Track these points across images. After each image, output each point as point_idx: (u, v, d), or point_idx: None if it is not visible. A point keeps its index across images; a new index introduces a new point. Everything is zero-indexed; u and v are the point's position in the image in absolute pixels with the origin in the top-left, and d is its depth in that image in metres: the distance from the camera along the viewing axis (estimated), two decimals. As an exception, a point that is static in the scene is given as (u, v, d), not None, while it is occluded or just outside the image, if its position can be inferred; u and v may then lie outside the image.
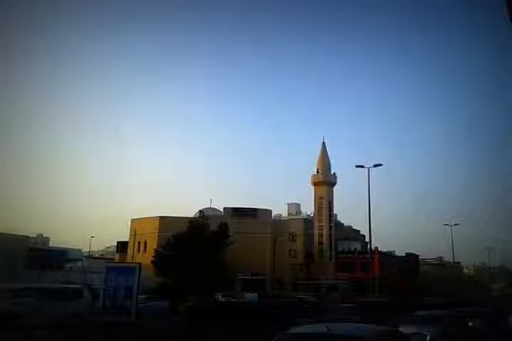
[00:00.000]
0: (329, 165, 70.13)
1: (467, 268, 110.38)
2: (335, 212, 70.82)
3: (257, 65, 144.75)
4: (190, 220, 47.96)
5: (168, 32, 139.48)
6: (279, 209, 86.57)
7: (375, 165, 40.86)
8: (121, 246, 69.11)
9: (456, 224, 63.37)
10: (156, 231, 59.12)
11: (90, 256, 73.32)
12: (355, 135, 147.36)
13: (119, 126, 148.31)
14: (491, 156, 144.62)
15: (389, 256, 77.05)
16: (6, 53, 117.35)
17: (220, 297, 37.12)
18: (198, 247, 41.60)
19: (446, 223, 64.12)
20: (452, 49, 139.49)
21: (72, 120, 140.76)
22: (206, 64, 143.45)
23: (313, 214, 70.55)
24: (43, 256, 45.37)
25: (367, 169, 40.72)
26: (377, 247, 54.42)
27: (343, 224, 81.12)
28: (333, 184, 69.31)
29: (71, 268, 47.68)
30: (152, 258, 45.90)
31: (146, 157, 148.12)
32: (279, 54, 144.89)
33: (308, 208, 79.92)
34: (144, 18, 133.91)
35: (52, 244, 73.60)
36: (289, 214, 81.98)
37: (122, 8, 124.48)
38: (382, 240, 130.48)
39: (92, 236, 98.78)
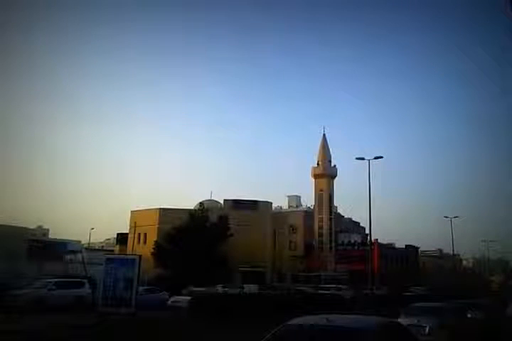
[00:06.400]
0: (330, 158, 70.07)
1: (466, 260, 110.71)
2: (335, 204, 70.89)
3: (255, 62, 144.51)
4: (191, 212, 48.05)
5: (169, 31, 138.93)
6: (280, 202, 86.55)
7: (375, 158, 40.62)
8: (121, 237, 69.11)
9: (455, 217, 63.36)
10: (156, 223, 59.10)
11: (90, 248, 73.37)
12: (355, 127, 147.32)
13: (119, 118, 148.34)
14: (491, 149, 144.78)
15: (389, 248, 77.25)
16: (5, 53, 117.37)
17: (220, 289, 37.18)
18: (198, 239, 41.69)
19: (446, 215, 64.11)
20: (452, 45, 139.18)
21: (72, 114, 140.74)
22: (205, 62, 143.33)
23: (314, 207, 70.58)
24: (42, 248, 45.34)
25: (367, 161, 40.56)
26: (377, 239, 54.57)
27: (343, 216, 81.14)
28: (334, 176, 69.26)
29: (71, 259, 47.67)
30: (152, 250, 46.01)
31: (146, 149, 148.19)
32: (278, 50, 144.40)
33: (308, 200, 79.93)
34: (144, 17, 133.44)
35: (51, 235, 73.79)
36: (290, 207, 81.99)
37: (123, 7, 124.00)
38: (382, 232, 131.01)
39: (92, 228, 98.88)
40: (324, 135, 70.71)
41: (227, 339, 14.10)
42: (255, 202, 63.59)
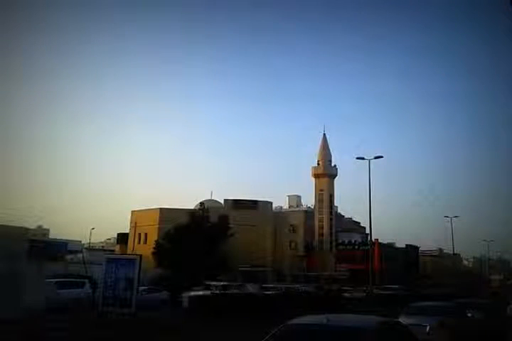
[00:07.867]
0: (330, 158, 70.05)
1: (467, 259, 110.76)
2: (335, 204, 70.92)
3: (256, 62, 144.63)
4: (191, 212, 47.93)
5: (169, 31, 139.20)
6: (280, 201, 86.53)
7: (375, 158, 40.64)
8: (122, 237, 69.17)
9: (456, 216, 63.40)
10: (157, 222, 59.13)
11: (90, 248, 73.41)
12: (355, 127, 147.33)
13: (119, 118, 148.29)
14: (491, 149, 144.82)
15: (389, 247, 77.21)
16: (5, 53, 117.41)
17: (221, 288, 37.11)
18: (199, 239, 41.64)
19: (446, 215, 64.17)
20: (453, 44, 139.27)
21: (72, 114, 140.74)
22: (205, 61, 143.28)
23: (314, 206, 70.57)
24: (42, 248, 45.31)
25: (367, 161, 40.55)
26: (377, 239, 54.54)
27: (343, 216, 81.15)
28: (334, 176, 69.25)
29: (71, 259, 47.68)
30: (153, 250, 45.97)
31: (146, 148, 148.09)
32: (278, 50, 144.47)
33: (308, 200, 79.91)
34: (145, 16, 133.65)
35: (52, 235, 73.82)
36: (290, 206, 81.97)
37: (122, 7, 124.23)
38: (382, 232, 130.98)
39: (93, 228, 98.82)
40: (324, 135, 70.81)
41: (226, 339, 14.13)
42: (255, 202, 63.54)
